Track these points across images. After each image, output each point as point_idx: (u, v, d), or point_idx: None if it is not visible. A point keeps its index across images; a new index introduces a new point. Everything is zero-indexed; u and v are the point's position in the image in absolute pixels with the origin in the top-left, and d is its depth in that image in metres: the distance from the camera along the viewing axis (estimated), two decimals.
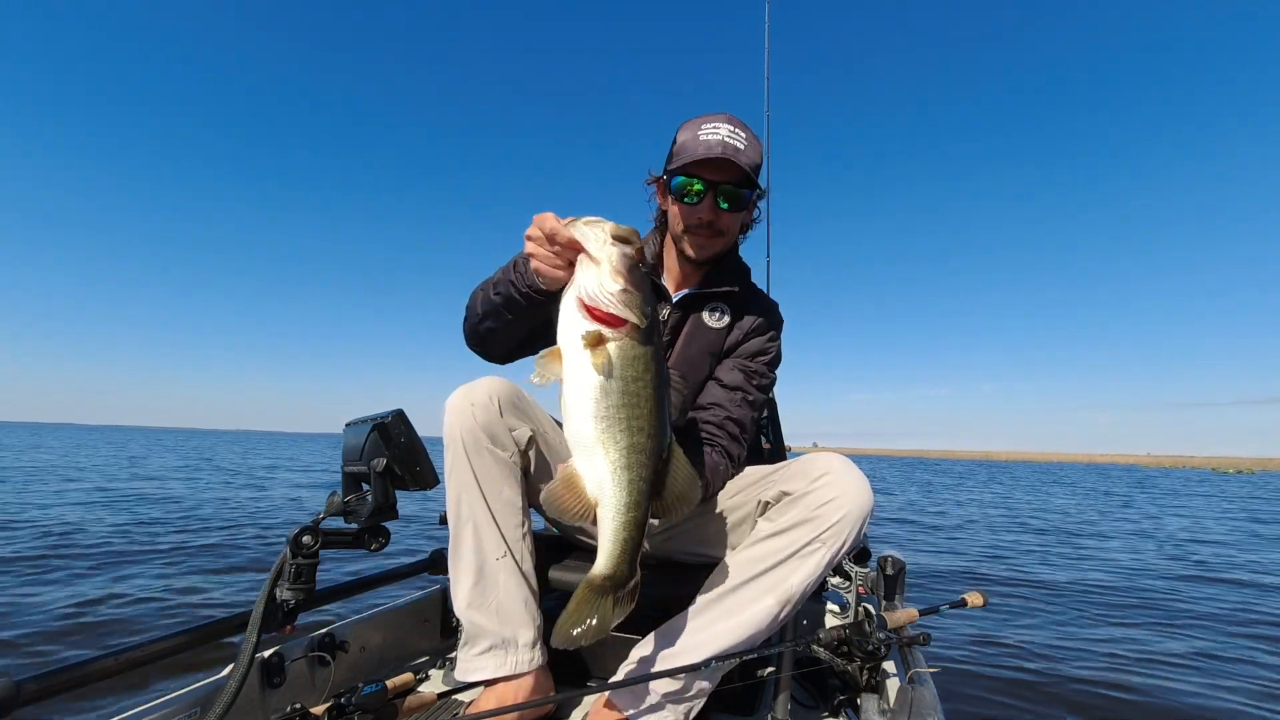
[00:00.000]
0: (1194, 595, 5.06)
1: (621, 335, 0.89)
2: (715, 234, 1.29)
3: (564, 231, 0.94)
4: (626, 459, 0.89)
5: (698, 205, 1.26)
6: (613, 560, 0.92)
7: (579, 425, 0.89)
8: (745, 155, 1.21)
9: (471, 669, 1.20)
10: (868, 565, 1.91)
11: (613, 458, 0.89)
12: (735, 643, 1.10)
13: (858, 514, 1.08)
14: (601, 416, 0.88)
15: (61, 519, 6.44)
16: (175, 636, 1.12)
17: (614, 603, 0.93)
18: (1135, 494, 20.69)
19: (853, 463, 1.13)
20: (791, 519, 1.11)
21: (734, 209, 1.27)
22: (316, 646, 1.34)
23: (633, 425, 0.89)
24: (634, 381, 0.89)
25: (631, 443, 0.89)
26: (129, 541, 5.43)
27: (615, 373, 0.88)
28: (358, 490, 1.39)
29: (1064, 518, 11.62)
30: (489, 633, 1.20)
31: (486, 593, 1.20)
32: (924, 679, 1.26)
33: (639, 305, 0.89)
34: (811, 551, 1.09)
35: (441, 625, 1.76)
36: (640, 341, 0.89)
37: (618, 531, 0.91)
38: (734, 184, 1.24)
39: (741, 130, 1.24)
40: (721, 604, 1.13)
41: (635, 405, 0.89)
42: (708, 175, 1.24)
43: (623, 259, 0.89)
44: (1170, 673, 3.14)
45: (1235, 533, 9.93)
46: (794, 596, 1.10)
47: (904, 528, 9.26)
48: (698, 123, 1.25)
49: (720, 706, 1.31)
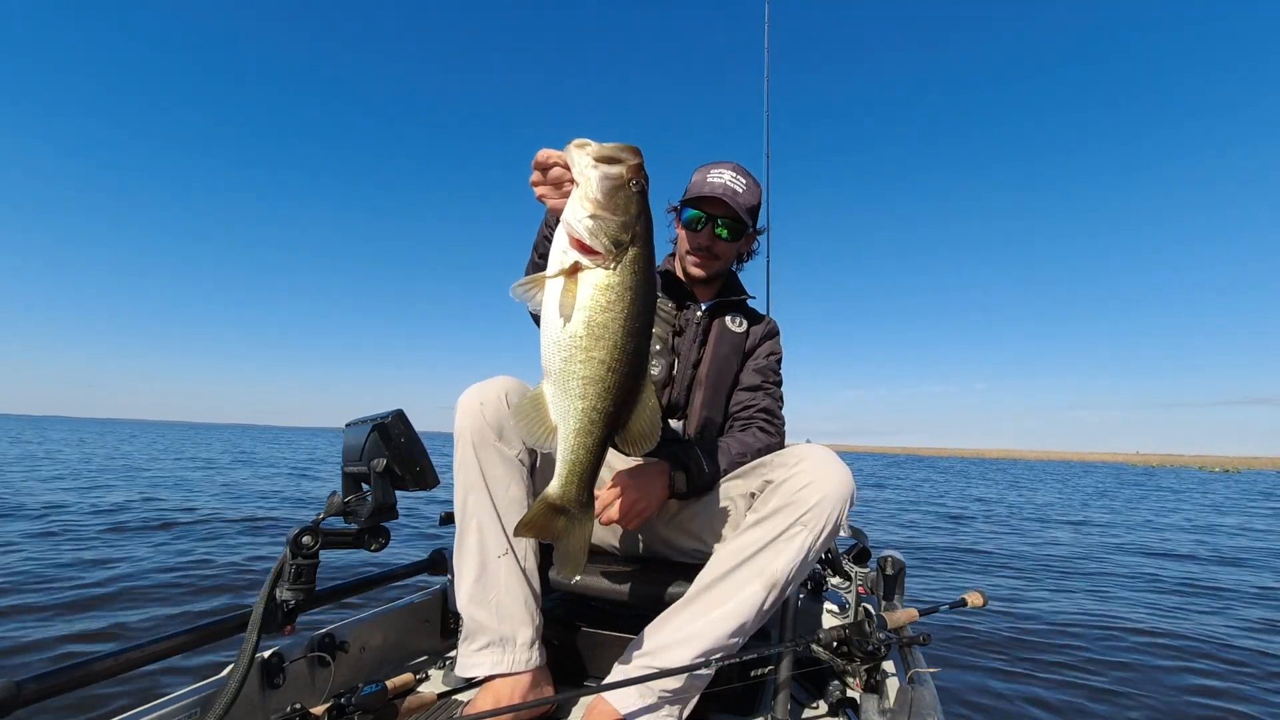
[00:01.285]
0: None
1: (594, 264, 0.88)
2: (712, 257, 1.54)
3: (553, 157, 0.96)
4: (583, 389, 0.91)
5: (700, 232, 1.51)
6: (563, 480, 0.96)
7: (545, 351, 0.92)
8: (742, 198, 1.48)
9: (470, 664, 1.21)
10: (868, 565, 1.90)
11: (571, 386, 0.91)
12: (726, 632, 1.12)
13: (836, 496, 1.13)
14: (564, 344, 0.89)
15: None
16: (175, 636, 1.12)
17: (566, 522, 0.99)
18: (1148, 493, 20.64)
19: (832, 452, 1.19)
20: (773, 505, 1.15)
21: (730, 239, 1.53)
22: (316, 647, 1.35)
23: (593, 357, 0.89)
24: (601, 312, 0.88)
25: (589, 374, 0.90)
26: None
27: (581, 301, 0.88)
28: (358, 490, 1.39)
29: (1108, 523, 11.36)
30: (488, 629, 1.21)
31: (487, 589, 1.22)
32: (924, 679, 1.26)
33: (611, 232, 0.87)
34: (793, 535, 1.12)
35: (441, 625, 1.76)
36: (614, 273, 0.88)
37: (568, 454, 0.94)
38: (730, 218, 1.49)
39: (743, 177, 1.52)
40: (710, 594, 1.16)
41: (599, 337, 0.88)
42: (709, 209, 1.50)
43: (601, 181, 0.87)
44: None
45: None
46: (779, 581, 1.12)
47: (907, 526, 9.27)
48: (709, 168, 1.54)
49: (720, 706, 1.31)
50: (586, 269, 0.88)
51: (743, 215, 1.48)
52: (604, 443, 0.96)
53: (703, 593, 1.16)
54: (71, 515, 6.34)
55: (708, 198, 1.47)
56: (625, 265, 0.89)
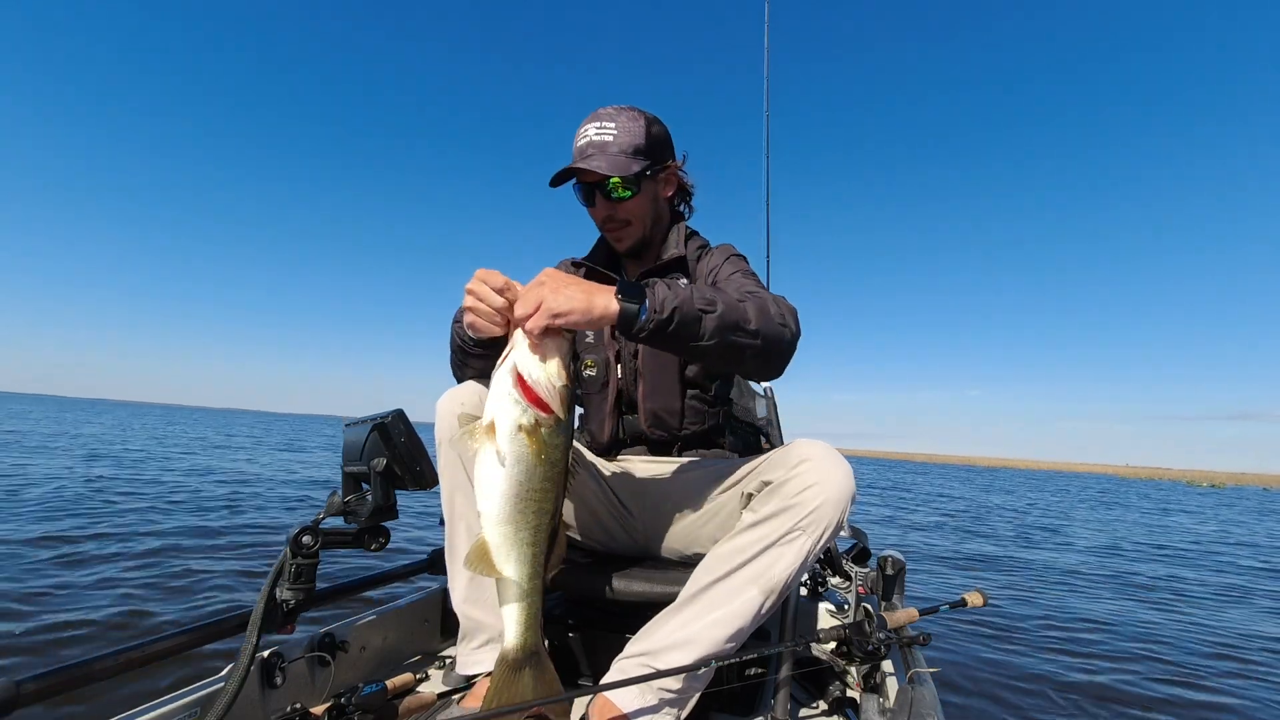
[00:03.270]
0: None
1: (551, 422, 0.93)
2: (622, 224, 1.36)
3: (506, 298, 0.95)
4: (534, 536, 0.94)
5: (595, 206, 1.35)
6: (521, 628, 0.95)
7: (498, 502, 0.93)
8: (616, 144, 1.26)
9: (471, 662, 1.22)
10: (868, 565, 1.90)
11: (523, 535, 0.94)
12: (723, 636, 1.09)
13: (837, 499, 1.06)
14: (520, 496, 0.92)
15: None
16: (175, 636, 1.12)
17: (534, 674, 0.95)
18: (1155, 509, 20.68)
19: (833, 448, 1.11)
20: (772, 508, 1.09)
21: (632, 195, 1.31)
22: (316, 646, 1.34)
23: (543, 507, 0.94)
24: (553, 466, 0.94)
25: (539, 522, 0.94)
26: None
27: (543, 456, 0.93)
28: (357, 490, 1.39)
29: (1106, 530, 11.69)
30: (487, 627, 1.21)
31: (482, 587, 1.22)
32: (924, 679, 1.26)
33: (567, 393, 0.95)
34: (792, 539, 1.07)
35: (441, 625, 1.76)
36: (561, 429, 0.94)
37: (522, 598, 0.95)
38: (614, 175, 1.26)
39: (609, 121, 1.28)
40: (707, 597, 1.12)
41: (549, 488, 0.95)
42: (587, 178, 1.30)
43: (570, 350, 0.95)
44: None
45: None
46: (777, 586, 1.08)
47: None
48: (578, 132, 1.32)
49: (720, 706, 1.31)
50: (544, 426, 0.92)
51: (629, 163, 1.27)
52: (545, 580, 0.98)
53: (700, 595, 1.13)
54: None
55: (578, 168, 1.27)
56: (568, 413, 0.95)
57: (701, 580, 1.14)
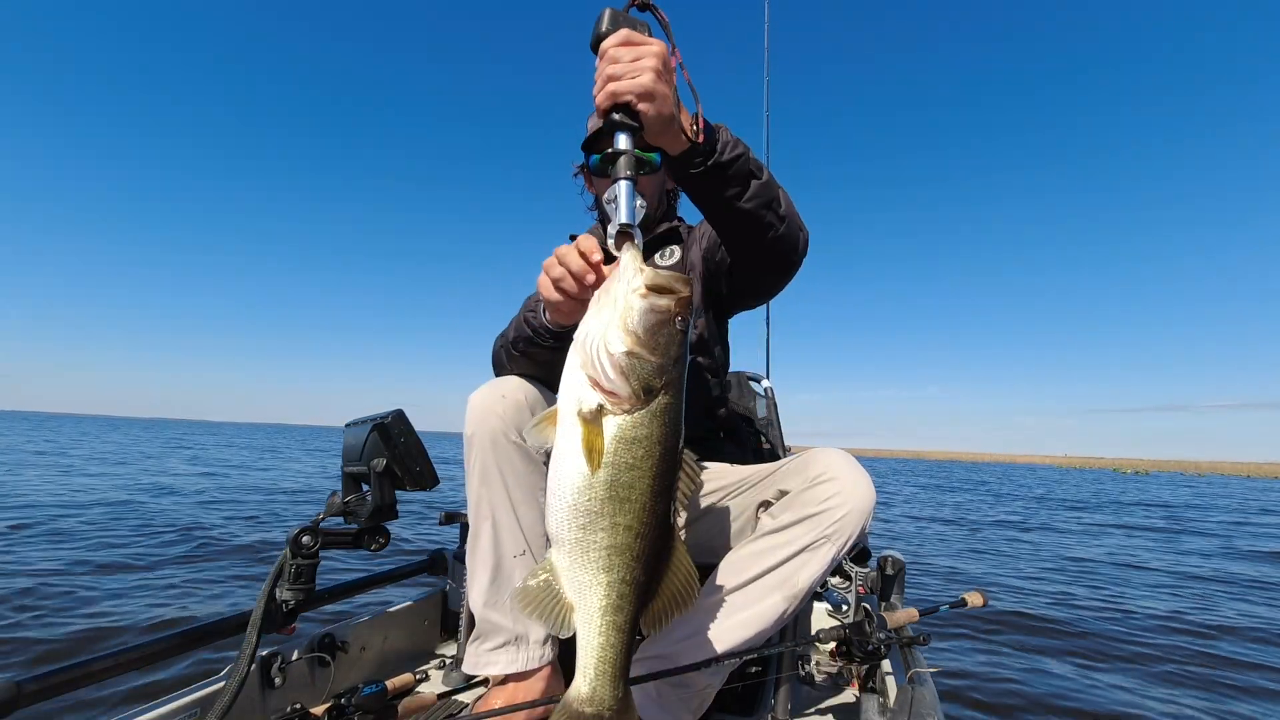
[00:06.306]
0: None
1: (620, 411, 0.71)
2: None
3: (595, 255, 0.83)
4: (608, 560, 0.73)
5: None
6: (592, 674, 0.74)
7: (555, 517, 0.74)
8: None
9: (482, 663, 1.20)
10: (867, 565, 1.90)
11: (592, 558, 0.73)
12: (744, 640, 1.10)
13: (861, 510, 1.08)
14: (582, 510, 0.72)
15: None
16: (175, 637, 1.12)
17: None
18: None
19: (853, 458, 1.12)
20: (794, 516, 1.10)
21: (653, 172, 1.31)
22: (316, 647, 1.34)
23: (617, 524, 0.72)
24: (627, 471, 0.72)
25: (614, 544, 0.73)
26: None
27: (605, 459, 0.71)
28: (357, 490, 1.39)
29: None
30: (503, 629, 1.20)
31: (502, 590, 1.20)
32: (924, 679, 1.25)
33: (644, 375, 0.72)
34: (817, 548, 1.08)
35: (441, 626, 1.76)
36: (643, 423, 0.72)
37: (596, 638, 0.74)
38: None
39: None
40: (729, 602, 1.13)
41: (624, 500, 0.72)
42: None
43: (646, 315, 0.72)
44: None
45: None
46: (801, 593, 1.10)
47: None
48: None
49: (720, 706, 1.31)
50: (609, 415, 0.72)
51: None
52: (636, 620, 0.76)
53: (721, 602, 1.13)
54: None
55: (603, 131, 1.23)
56: (654, 415, 0.72)
57: (721, 584, 1.15)
